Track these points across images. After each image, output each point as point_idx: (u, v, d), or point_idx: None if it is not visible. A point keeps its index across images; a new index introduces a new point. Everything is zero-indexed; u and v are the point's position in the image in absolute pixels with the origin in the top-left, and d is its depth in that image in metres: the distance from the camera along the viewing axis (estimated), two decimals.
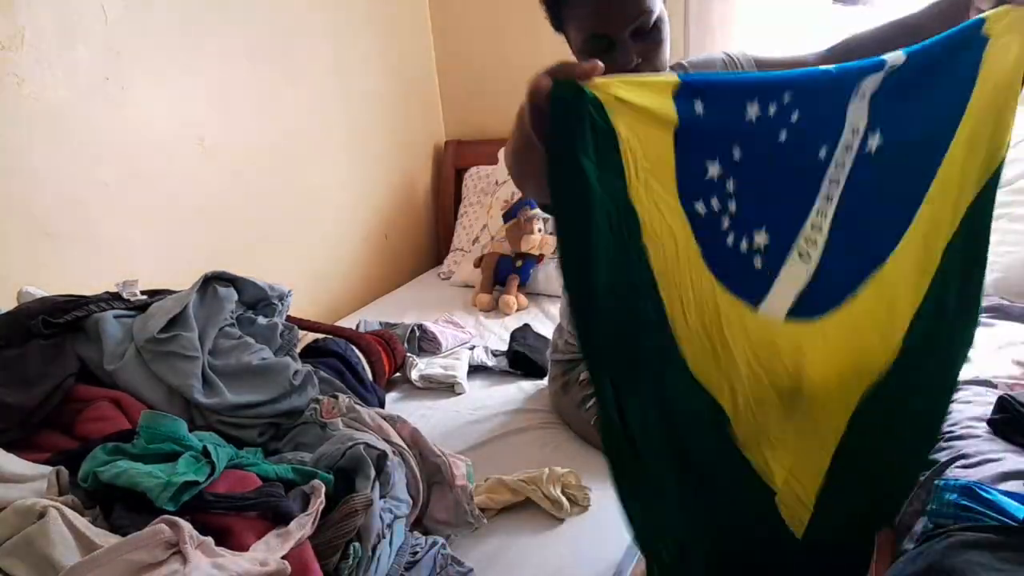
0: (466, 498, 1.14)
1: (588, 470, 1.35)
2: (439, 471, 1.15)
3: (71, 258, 1.57)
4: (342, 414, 1.21)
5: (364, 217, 2.46)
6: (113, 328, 1.22)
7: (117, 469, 0.88)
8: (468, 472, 1.18)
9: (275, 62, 2.06)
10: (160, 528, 0.79)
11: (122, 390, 1.18)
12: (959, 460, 1.23)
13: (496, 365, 1.80)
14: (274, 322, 1.38)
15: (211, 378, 1.21)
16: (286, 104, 2.11)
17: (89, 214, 1.60)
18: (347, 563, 0.91)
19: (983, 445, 1.25)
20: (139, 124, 1.70)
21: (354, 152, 2.40)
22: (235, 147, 1.95)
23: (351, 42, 2.34)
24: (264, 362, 1.26)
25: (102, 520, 0.89)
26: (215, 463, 0.93)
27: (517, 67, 2.60)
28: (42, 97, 1.50)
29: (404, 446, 1.17)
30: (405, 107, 2.62)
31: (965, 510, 1.03)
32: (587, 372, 1.47)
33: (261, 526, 0.90)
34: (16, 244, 1.48)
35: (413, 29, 2.64)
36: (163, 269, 1.74)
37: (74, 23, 1.54)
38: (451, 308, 2.22)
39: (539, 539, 1.17)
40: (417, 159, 2.72)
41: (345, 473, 1.03)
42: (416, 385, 1.73)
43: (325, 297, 2.30)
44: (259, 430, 1.22)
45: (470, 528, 1.14)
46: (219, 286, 1.32)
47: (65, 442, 1.08)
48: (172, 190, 1.78)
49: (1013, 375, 1.44)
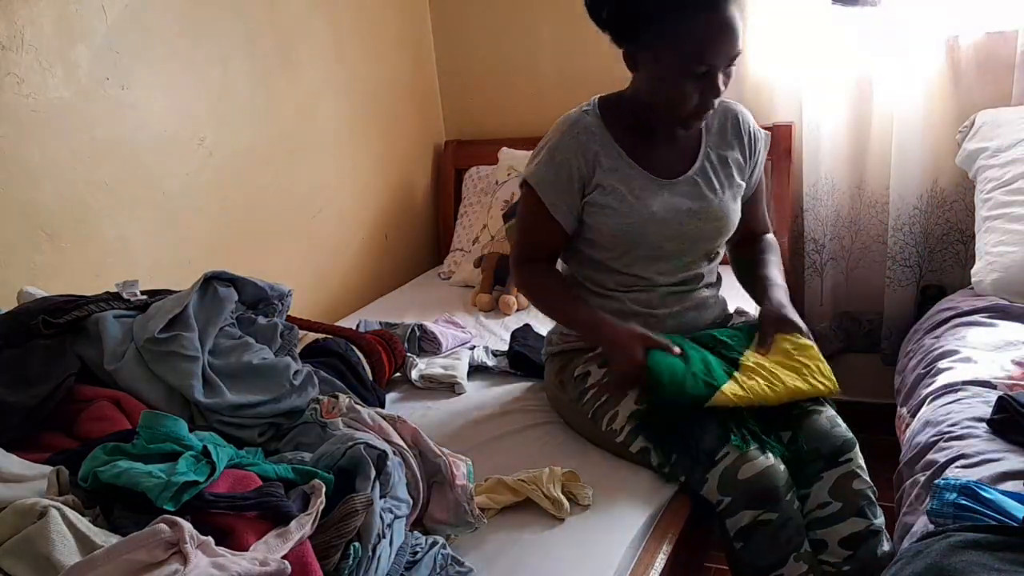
0: (466, 498, 1.14)
1: (588, 469, 1.35)
2: (439, 471, 1.15)
3: (71, 258, 1.57)
4: (342, 414, 1.21)
5: (364, 217, 2.46)
6: (113, 328, 1.22)
7: (117, 469, 0.88)
8: (468, 472, 1.18)
9: (275, 62, 2.06)
10: (160, 528, 0.79)
11: (122, 390, 1.18)
12: (959, 460, 1.23)
13: (496, 365, 1.80)
14: (274, 322, 1.38)
15: (211, 378, 1.21)
16: (286, 104, 2.11)
17: (89, 214, 1.60)
18: (347, 563, 0.91)
19: (983, 445, 1.25)
20: (139, 124, 1.70)
21: (354, 152, 2.40)
22: (235, 147, 1.95)
23: (351, 42, 2.35)
24: (264, 362, 1.26)
25: (102, 520, 0.89)
26: (215, 463, 0.93)
27: (517, 67, 2.63)
28: (42, 97, 1.50)
29: (404, 446, 1.17)
30: (405, 107, 2.62)
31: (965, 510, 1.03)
32: (581, 367, 1.49)
33: (261, 526, 0.90)
34: (16, 244, 1.48)
35: (413, 29, 2.64)
36: (163, 269, 1.74)
37: (74, 23, 1.54)
38: (451, 308, 2.22)
39: (539, 539, 1.17)
40: (417, 159, 2.72)
41: (345, 473, 1.03)
42: (416, 385, 1.73)
43: (325, 297, 2.30)
44: (259, 430, 1.22)
45: (470, 528, 1.14)
46: (219, 286, 1.32)
47: (65, 442, 1.08)
48: (172, 190, 1.78)
49: (1013, 375, 1.44)
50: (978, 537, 0.91)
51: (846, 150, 2.23)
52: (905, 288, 2.21)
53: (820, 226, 2.28)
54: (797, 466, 1.30)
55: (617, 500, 1.27)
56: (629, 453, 1.37)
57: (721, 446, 1.25)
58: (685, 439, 1.29)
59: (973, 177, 1.99)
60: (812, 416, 1.32)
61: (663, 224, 1.43)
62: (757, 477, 1.23)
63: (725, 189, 1.49)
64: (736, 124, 1.52)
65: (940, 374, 1.54)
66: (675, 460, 1.31)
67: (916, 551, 0.93)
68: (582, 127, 1.44)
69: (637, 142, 1.46)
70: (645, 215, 1.42)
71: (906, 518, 1.22)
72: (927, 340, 1.76)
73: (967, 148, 2.00)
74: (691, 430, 1.29)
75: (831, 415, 1.34)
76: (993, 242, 1.84)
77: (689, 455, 1.28)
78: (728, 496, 1.25)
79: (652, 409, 1.34)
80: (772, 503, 1.24)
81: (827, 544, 1.29)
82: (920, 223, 2.16)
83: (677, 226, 1.44)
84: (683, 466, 1.30)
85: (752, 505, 1.24)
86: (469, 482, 1.16)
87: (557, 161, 1.43)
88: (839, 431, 1.31)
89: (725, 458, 1.25)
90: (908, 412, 1.56)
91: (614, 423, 1.38)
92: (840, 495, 1.28)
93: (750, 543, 1.25)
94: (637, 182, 1.43)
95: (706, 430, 1.27)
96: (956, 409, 1.39)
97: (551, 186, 1.44)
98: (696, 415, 1.29)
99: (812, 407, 1.34)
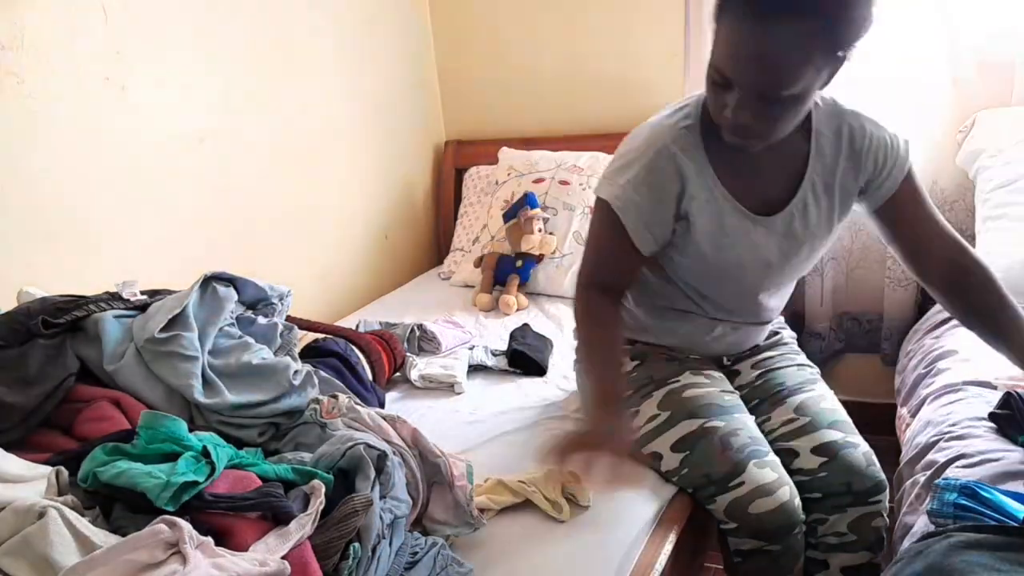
0: (466, 499, 1.14)
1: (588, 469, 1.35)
2: (439, 471, 1.15)
3: (71, 258, 1.57)
4: (342, 414, 1.21)
5: (364, 217, 2.46)
6: (113, 328, 1.22)
7: (117, 469, 0.88)
8: (468, 472, 1.18)
9: (275, 62, 2.06)
10: (160, 528, 0.79)
11: (122, 390, 1.18)
12: (959, 460, 1.23)
13: (496, 365, 1.80)
14: (274, 322, 1.38)
15: (211, 378, 1.21)
16: (286, 104, 2.11)
17: (89, 214, 1.60)
18: (347, 563, 0.91)
19: (983, 445, 1.25)
20: (139, 124, 1.70)
21: (354, 152, 2.40)
22: (235, 147, 1.95)
23: (351, 41, 2.34)
24: (264, 362, 1.26)
25: (102, 520, 0.89)
26: (215, 463, 0.93)
27: (517, 67, 2.63)
28: (42, 97, 1.50)
29: (404, 446, 1.17)
30: (405, 107, 2.62)
31: (965, 510, 1.03)
32: None
33: (261, 526, 0.90)
34: (16, 244, 1.48)
35: (413, 29, 2.64)
36: (163, 269, 1.74)
37: (74, 23, 1.54)
38: (451, 308, 2.22)
39: (539, 539, 1.17)
40: (417, 159, 2.72)
41: (345, 473, 1.03)
42: (416, 385, 1.72)
43: (325, 297, 2.29)
44: (259, 430, 1.22)
45: (470, 529, 1.14)
46: (219, 286, 1.32)
47: (65, 442, 1.08)
48: (172, 190, 1.78)
49: (1013, 375, 1.44)
50: (978, 537, 0.91)
51: None
52: (905, 288, 2.21)
53: None
54: (823, 496, 1.28)
55: (617, 500, 1.26)
56: (640, 454, 1.33)
57: (737, 473, 1.22)
58: (705, 457, 1.25)
59: (973, 177, 1.99)
60: (848, 450, 1.28)
61: (748, 268, 1.29)
62: (770, 515, 1.20)
63: (822, 223, 1.29)
64: (852, 140, 1.25)
65: (940, 374, 1.54)
66: (686, 473, 1.28)
67: (916, 551, 0.93)
68: (680, 145, 1.22)
69: (733, 165, 1.23)
70: (731, 259, 1.27)
71: (906, 518, 1.22)
72: (927, 340, 1.76)
73: (967, 148, 2.00)
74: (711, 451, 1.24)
75: (867, 451, 1.30)
76: (993, 242, 1.84)
77: (702, 473, 1.25)
78: (735, 523, 1.23)
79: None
80: (778, 539, 1.23)
81: (828, 566, 1.30)
82: None
83: (764, 268, 1.30)
84: (693, 481, 1.27)
85: (758, 537, 1.22)
86: (469, 483, 1.16)
87: (649, 184, 1.22)
88: (874, 471, 1.28)
89: (739, 487, 1.21)
90: (908, 412, 1.56)
91: (633, 420, 1.35)
92: (858, 530, 1.28)
93: (749, 562, 1.26)
94: (729, 220, 1.24)
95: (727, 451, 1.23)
96: (956, 409, 1.39)
97: (639, 211, 1.22)
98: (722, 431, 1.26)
99: (849, 439, 1.29)
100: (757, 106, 1.08)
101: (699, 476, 1.26)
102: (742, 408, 1.34)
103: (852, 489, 1.26)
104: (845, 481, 1.26)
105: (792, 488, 1.23)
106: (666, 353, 1.43)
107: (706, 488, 1.25)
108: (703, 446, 1.26)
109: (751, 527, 1.21)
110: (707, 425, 1.27)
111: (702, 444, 1.26)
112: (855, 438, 1.31)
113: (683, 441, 1.28)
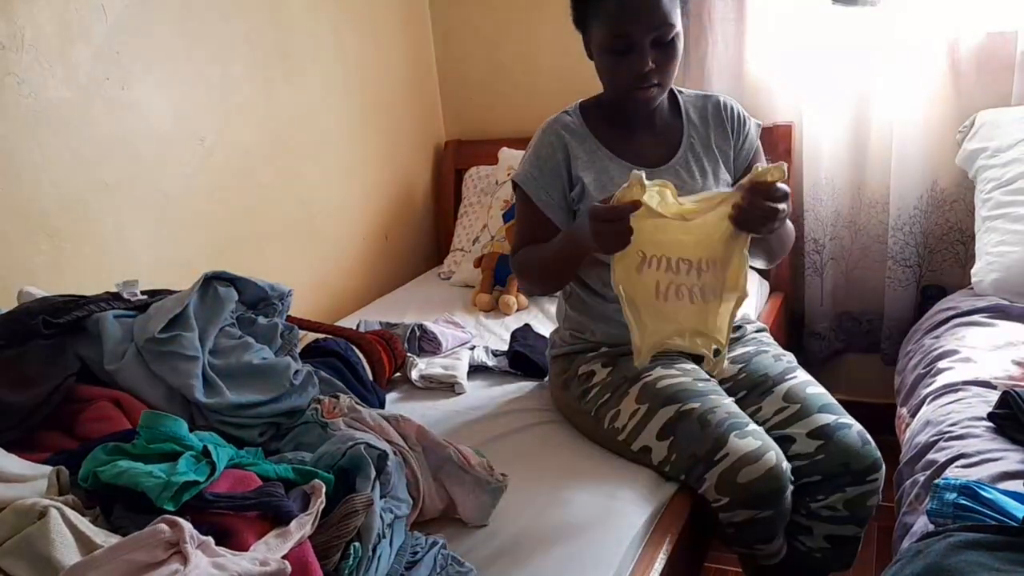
0: (485, 469, 1.19)
1: (589, 469, 1.35)
2: (449, 460, 1.17)
3: (71, 258, 1.57)
4: (343, 414, 1.21)
5: (364, 217, 2.46)
6: (113, 328, 1.22)
7: (117, 469, 0.88)
8: (476, 452, 1.23)
9: (275, 62, 2.06)
10: (160, 528, 0.79)
11: (122, 390, 1.18)
12: (959, 460, 1.23)
13: (496, 365, 1.80)
14: (274, 322, 1.38)
15: (211, 378, 1.21)
16: (286, 104, 2.11)
17: (89, 214, 1.60)
18: (347, 563, 0.91)
19: (983, 445, 1.25)
20: (139, 124, 1.70)
21: (354, 152, 2.40)
22: (235, 147, 1.95)
23: (351, 42, 2.35)
24: (264, 362, 1.26)
25: (102, 520, 0.89)
26: (215, 463, 0.93)
27: (517, 67, 2.63)
28: (42, 97, 1.50)
29: (405, 446, 1.17)
30: (405, 107, 2.62)
31: (965, 510, 1.03)
32: (585, 366, 1.49)
33: (261, 526, 0.90)
34: (16, 244, 1.48)
35: (413, 29, 2.64)
36: (163, 269, 1.74)
37: (74, 23, 1.54)
38: (451, 308, 2.22)
39: (539, 539, 1.17)
40: (417, 159, 2.72)
41: (345, 473, 1.03)
42: (416, 385, 1.73)
43: (325, 297, 2.30)
44: (259, 430, 1.22)
45: (500, 494, 1.19)
46: (219, 286, 1.32)
47: (65, 442, 1.08)
48: (172, 190, 1.78)
49: (1013, 375, 1.44)
50: (978, 537, 0.91)
51: (846, 150, 2.23)
52: (905, 288, 2.21)
53: (820, 226, 2.27)
54: (823, 478, 1.30)
55: (617, 500, 1.27)
56: (630, 451, 1.37)
57: (720, 447, 1.25)
58: (687, 437, 1.29)
59: (973, 177, 1.99)
60: (843, 431, 1.31)
61: None
62: (758, 481, 1.22)
63: (709, 176, 1.47)
64: (718, 110, 1.50)
65: (940, 374, 1.54)
66: (675, 459, 1.31)
67: (916, 551, 0.93)
68: (561, 124, 1.48)
69: (616, 135, 1.48)
70: None
71: (906, 518, 1.22)
72: (927, 340, 1.76)
73: (967, 148, 2.00)
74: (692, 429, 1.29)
75: (861, 429, 1.33)
76: (993, 242, 1.84)
77: (688, 454, 1.29)
78: (726, 497, 1.25)
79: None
80: (770, 505, 1.24)
81: (812, 532, 1.34)
82: (920, 223, 2.16)
83: None
84: (682, 465, 1.30)
85: (749, 506, 1.24)
86: (481, 456, 1.22)
87: (541, 158, 1.46)
88: (869, 449, 1.31)
89: (724, 460, 1.25)
90: (908, 412, 1.56)
91: (616, 421, 1.38)
92: (853, 508, 1.31)
93: (741, 531, 1.28)
94: (615, 173, 1.43)
95: (707, 428, 1.27)
96: (956, 409, 1.39)
97: (538, 183, 1.46)
98: (702, 408, 1.30)
99: (842, 420, 1.33)
100: (654, 53, 1.32)
101: (687, 458, 1.29)
102: (719, 391, 1.38)
103: (850, 469, 1.29)
104: (843, 462, 1.29)
105: (779, 452, 1.26)
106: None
107: (695, 468, 1.28)
108: (683, 427, 1.30)
109: (743, 497, 1.23)
110: (683, 408, 1.32)
111: (682, 426, 1.30)
112: (847, 419, 1.34)
113: (665, 428, 1.32)
